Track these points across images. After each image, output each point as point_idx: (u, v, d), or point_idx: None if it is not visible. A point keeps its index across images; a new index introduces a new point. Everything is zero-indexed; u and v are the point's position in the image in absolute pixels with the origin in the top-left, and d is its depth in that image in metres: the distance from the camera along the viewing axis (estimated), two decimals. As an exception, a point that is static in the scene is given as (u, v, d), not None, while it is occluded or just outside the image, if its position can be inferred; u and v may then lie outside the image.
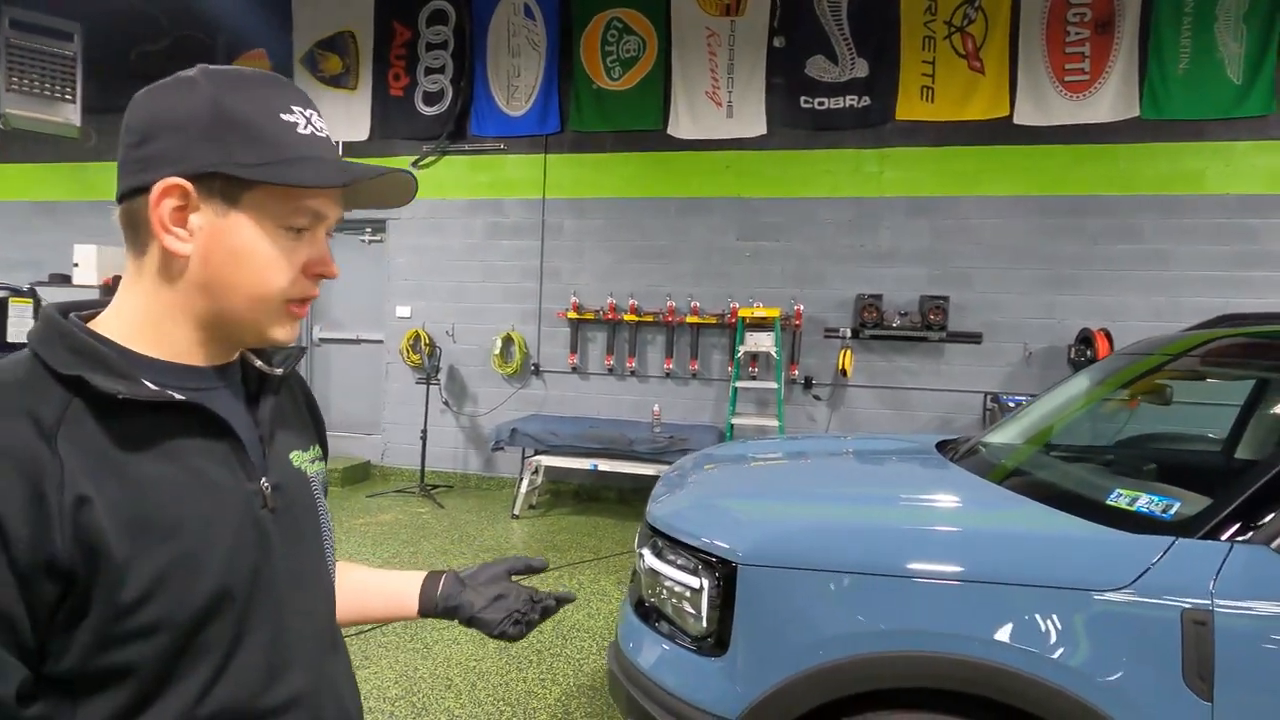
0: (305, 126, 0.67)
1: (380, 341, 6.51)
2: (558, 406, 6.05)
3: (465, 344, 6.20)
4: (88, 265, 6.57)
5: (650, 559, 1.85)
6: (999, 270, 5.31)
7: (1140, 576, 1.38)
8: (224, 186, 0.64)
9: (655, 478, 4.94)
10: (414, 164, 6.22)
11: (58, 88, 5.55)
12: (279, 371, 0.77)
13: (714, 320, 5.67)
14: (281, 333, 0.70)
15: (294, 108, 0.67)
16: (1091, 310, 5.14)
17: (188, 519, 0.62)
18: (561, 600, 0.96)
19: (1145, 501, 1.60)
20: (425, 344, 6.05)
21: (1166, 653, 1.34)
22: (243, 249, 0.65)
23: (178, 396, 0.64)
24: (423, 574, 0.95)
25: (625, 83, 5.81)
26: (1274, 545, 1.37)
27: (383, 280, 6.46)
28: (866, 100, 5.39)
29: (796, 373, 5.62)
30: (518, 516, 5.25)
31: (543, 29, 5.93)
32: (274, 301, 0.68)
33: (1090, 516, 1.60)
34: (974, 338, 5.34)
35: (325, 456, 0.86)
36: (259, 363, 0.77)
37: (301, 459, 0.78)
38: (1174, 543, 1.42)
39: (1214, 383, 2.89)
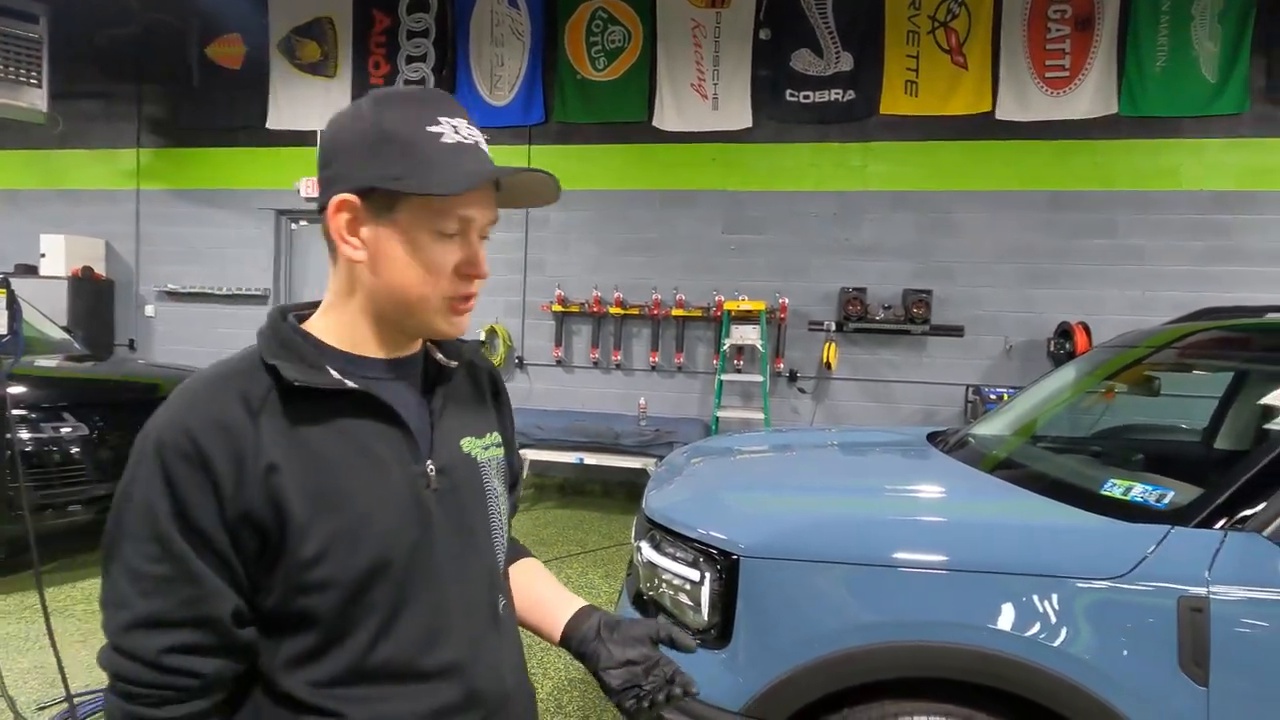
0: (451, 135, 0.73)
1: (361, 334, 6.41)
2: (543, 400, 6.02)
3: (448, 337, 6.13)
4: (55, 255, 6.39)
5: (649, 552, 1.84)
6: (981, 264, 5.37)
7: (1138, 565, 1.41)
8: (382, 199, 0.72)
9: (641, 471, 4.97)
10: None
11: (23, 72, 5.36)
12: (453, 364, 0.85)
13: (699, 313, 5.67)
14: (448, 327, 0.78)
15: (440, 119, 0.73)
16: (1070, 304, 5.22)
17: (355, 494, 0.72)
18: (685, 690, 0.85)
19: (1139, 491, 1.63)
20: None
21: (1163, 639, 1.36)
22: (402, 254, 0.73)
23: (351, 385, 0.73)
24: (578, 605, 0.94)
25: (610, 73, 5.76)
26: (1266, 533, 1.40)
27: (363, 272, 6.36)
28: (851, 94, 5.41)
29: (781, 366, 5.64)
30: (503, 510, 5.21)
31: (526, 18, 5.86)
32: (434, 300, 0.75)
33: (1086, 506, 1.62)
34: (956, 331, 5.40)
35: (508, 445, 0.93)
36: (439, 355, 0.86)
37: (473, 445, 0.84)
38: (1169, 531, 1.45)
39: (1194, 375, 2.95)
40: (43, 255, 6.41)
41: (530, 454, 5.15)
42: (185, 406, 0.70)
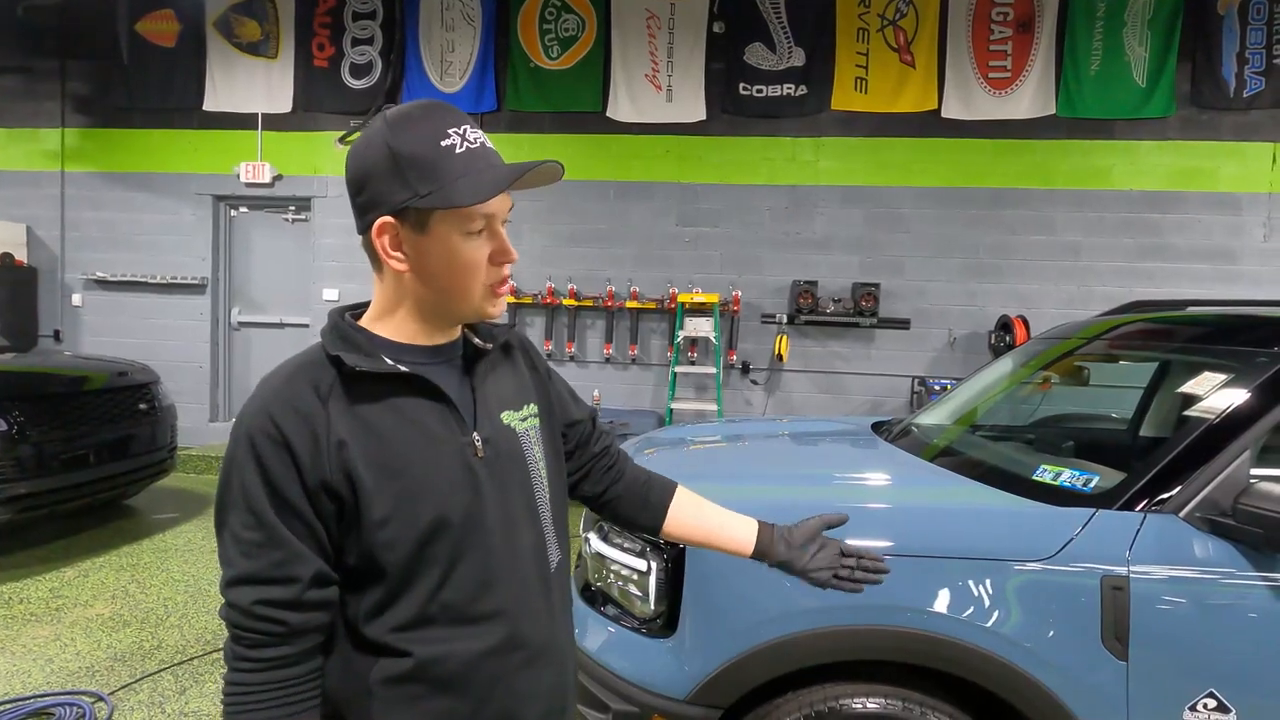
0: (461, 145, 0.82)
1: (306, 326, 6.22)
2: (495, 392, 5.93)
3: (397, 328, 5.99)
4: (-29, 240, 6.00)
5: (597, 543, 1.83)
6: (926, 259, 5.52)
7: (1064, 546, 1.46)
8: (416, 216, 0.82)
9: (595, 463, 4.94)
10: (341, 139, 5.90)
11: (-69, 42, 5.00)
12: (490, 346, 0.96)
13: (654, 305, 5.68)
14: (493, 309, 0.90)
15: (450, 131, 0.82)
16: (1010, 298, 5.41)
17: (414, 463, 0.83)
18: (876, 566, 1.13)
19: (1068, 476, 1.69)
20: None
21: (1087, 617, 1.42)
22: (442, 259, 0.84)
23: (404, 369, 0.85)
24: (755, 524, 1.14)
25: (564, 62, 5.70)
26: (1182, 514, 1.47)
27: (308, 261, 6.17)
28: (803, 89, 5.48)
29: (735, 358, 5.70)
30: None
31: (478, 3, 5.74)
32: (477, 290, 0.87)
33: (1019, 491, 1.68)
34: (903, 324, 5.54)
35: (548, 414, 1.03)
36: (476, 339, 0.96)
37: (512, 417, 0.95)
38: (1094, 514, 1.51)
39: (1123, 365, 3.09)
40: (-43, 240, 6.02)
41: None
42: (268, 396, 0.82)
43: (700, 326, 5.45)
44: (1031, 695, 1.43)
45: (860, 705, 1.51)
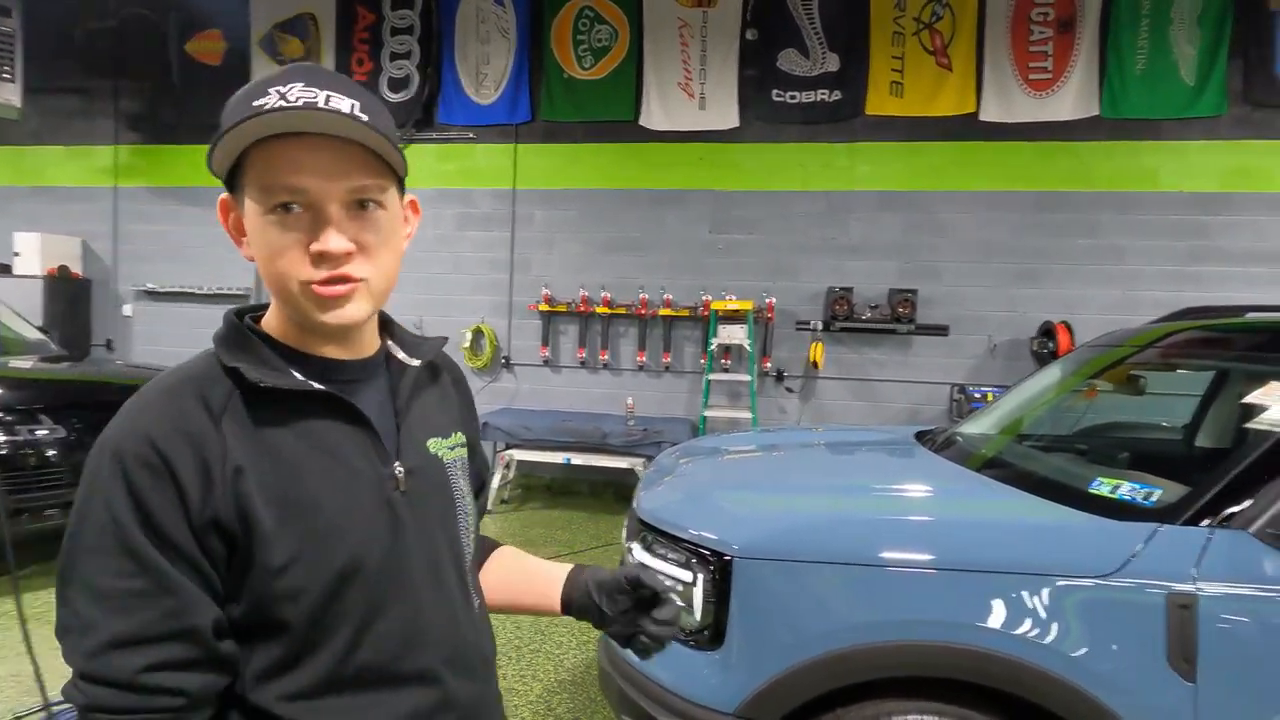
0: (275, 101, 0.65)
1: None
2: (529, 400, 5.99)
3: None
4: (30, 254, 6.27)
5: (640, 553, 1.83)
6: (965, 264, 5.42)
7: (1127, 562, 1.42)
8: (230, 184, 0.69)
9: (629, 471, 4.96)
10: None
11: (-4, 65, 5.25)
12: (416, 362, 0.82)
13: (687, 313, 5.67)
14: (323, 316, 0.70)
15: (271, 89, 0.66)
16: (1052, 303, 5.28)
17: (325, 499, 0.69)
18: (665, 622, 0.92)
19: (1127, 489, 1.64)
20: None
21: (1152, 636, 1.38)
22: (252, 238, 0.69)
23: (317, 387, 0.71)
24: (567, 571, 0.97)
25: (597, 72, 5.75)
26: (1252, 530, 1.42)
27: (347, 271, 6.29)
28: (838, 94, 5.44)
29: (769, 365, 5.66)
30: (490, 511, 5.17)
31: (512, 16, 5.82)
32: (293, 286, 0.69)
33: (1074, 504, 1.63)
34: (941, 330, 5.45)
35: (472, 443, 0.90)
36: (400, 354, 0.83)
37: (440, 445, 0.82)
38: (1158, 529, 1.46)
39: (1176, 374, 2.99)
40: (16, 254, 6.28)
41: (517, 454, 5.12)
42: (143, 415, 0.66)
43: (734, 334, 5.42)
44: (1090, 715, 1.39)
45: (912, 722, 1.48)
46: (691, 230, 5.75)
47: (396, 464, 0.75)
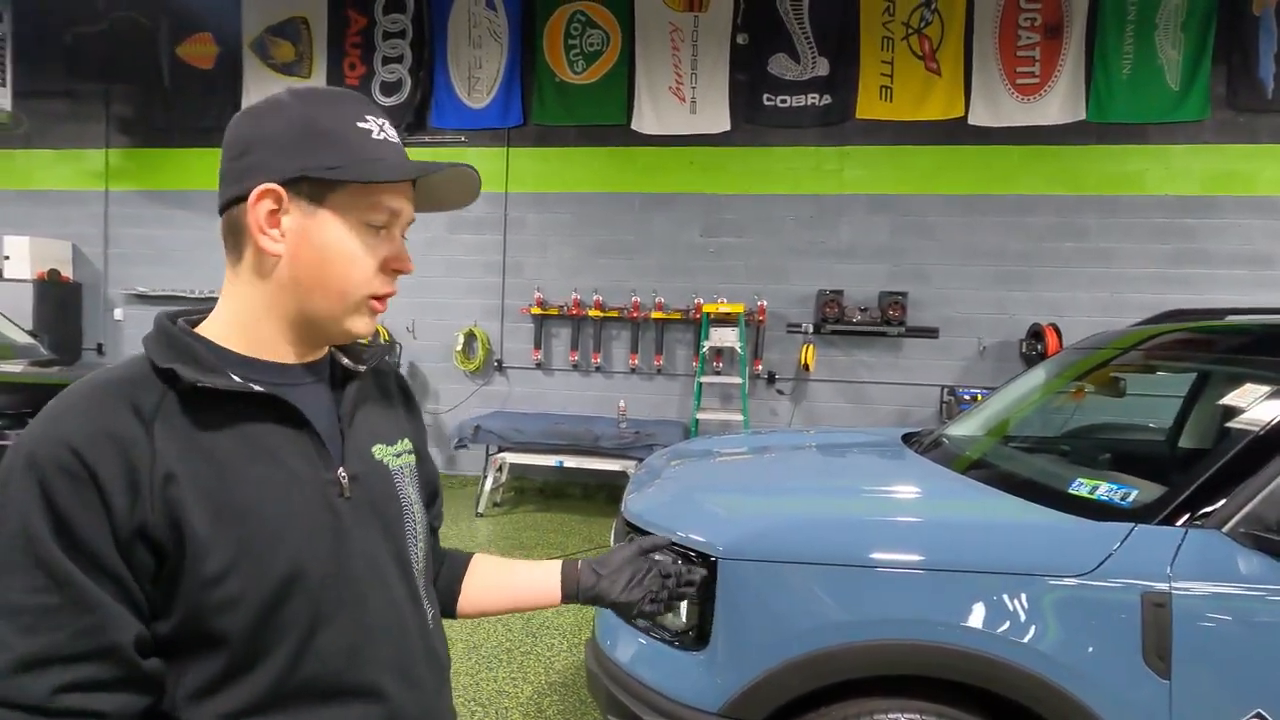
0: (379, 133, 0.73)
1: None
2: (522, 403, 6.00)
3: (426, 340, 6.09)
4: (20, 258, 6.24)
5: (628, 555, 1.85)
6: (954, 267, 5.46)
7: (1104, 562, 1.44)
8: (311, 189, 0.70)
9: (621, 473, 4.97)
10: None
11: (-15, 69, 5.23)
12: (362, 368, 0.82)
13: (679, 316, 5.69)
14: (361, 326, 0.75)
15: (368, 117, 0.73)
16: (1041, 306, 5.33)
17: (264, 503, 0.67)
18: (691, 580, 1.03)
19: (1105, 490, 1.67)
20: (384, 340, 5.92)
21: (1127, 634, 1.40)
22: (328, 245, 0.71)
23: (257, 388, 0.69)
24: (559, 563, 1.01)
25: (588, 76, 5.77)
26: (1225, 530, 1.45)
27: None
28: (827, 99, 5.47)
29: (760, 368, 5.69)
30: (482, 515, 5.19)
31: (504, 20, 5.84)
32: (357, 296, 0.73)
33: (1055, 505, 1.66)
34: (931, 333, 5.49)
35: (420, 451, 0.90)
36: (345, 360, 0.82)
37: (385, 452, 0.82)
38: (1134, 529, 1.49)
39: (1159, 376, 3.03)
40: (6, 257, 6.25)
41: (510, 457, 5.13)
42: (64, 419, 0.62)
43: (725, 337, 5.45)
44: (1069, 712, 1.41)
45: (894, 720, 1.50)
46: (683, 233, 5.78)
47: (340, 469, 0.74)
